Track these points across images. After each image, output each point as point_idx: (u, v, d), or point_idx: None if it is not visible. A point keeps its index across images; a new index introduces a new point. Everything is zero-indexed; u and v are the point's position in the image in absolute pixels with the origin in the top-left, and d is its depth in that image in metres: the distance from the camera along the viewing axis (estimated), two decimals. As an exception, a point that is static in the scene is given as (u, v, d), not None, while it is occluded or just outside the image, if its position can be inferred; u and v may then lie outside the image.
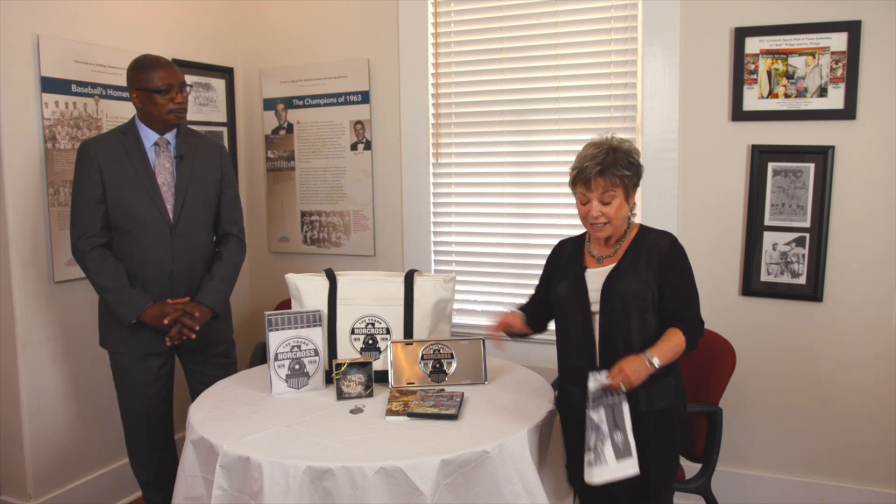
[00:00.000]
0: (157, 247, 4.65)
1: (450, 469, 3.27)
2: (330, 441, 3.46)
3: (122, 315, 4.58)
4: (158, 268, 4.67)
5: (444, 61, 6.07)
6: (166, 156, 4.69)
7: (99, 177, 4.55)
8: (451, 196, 6.20)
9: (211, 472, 3.46)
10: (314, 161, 6.60)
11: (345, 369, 4.04)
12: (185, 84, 4.68)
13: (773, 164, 5.05)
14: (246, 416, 3.82)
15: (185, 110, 4.69)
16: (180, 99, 4.61)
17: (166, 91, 4.54)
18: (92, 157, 4.55)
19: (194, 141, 4.85)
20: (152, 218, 4.62)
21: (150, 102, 4.55)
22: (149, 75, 4.53)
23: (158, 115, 4.58)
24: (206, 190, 4.84)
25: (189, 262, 4.77)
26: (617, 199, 3.73)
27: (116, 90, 5.48)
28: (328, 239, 6.62)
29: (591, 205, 3.73)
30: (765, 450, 5.36)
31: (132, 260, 4.64)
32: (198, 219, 4.81)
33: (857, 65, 4.82)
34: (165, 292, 4.70)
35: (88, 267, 4.55)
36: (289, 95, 6.64)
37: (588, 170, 3.72)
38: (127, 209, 4.58)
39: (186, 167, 4.73)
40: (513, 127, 5.91)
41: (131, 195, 4.58)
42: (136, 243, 4.62)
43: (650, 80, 5.36)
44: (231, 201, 5.03)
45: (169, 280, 4.70)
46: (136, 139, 4.63)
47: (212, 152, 4.93)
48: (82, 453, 5.45)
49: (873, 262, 4.95)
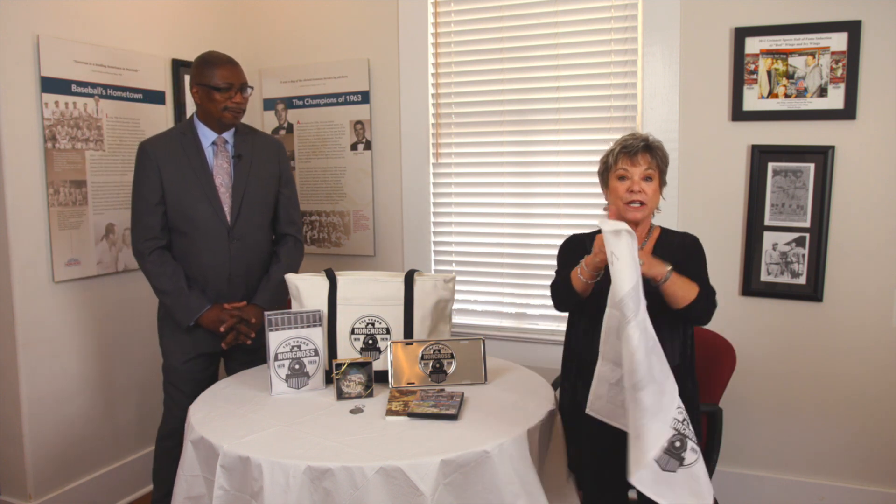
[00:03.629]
0: (214, 249, 4.68)
1: (449, 469, 3.27)
2: (330, 441, 3.46)
3: (179, 318, 4.64)
4: (216, 271, 4.71)
5: (444, 61, 6.07)
6: (224, 156, 4.71)
7: (158, 178, 4.59)
8: (451, 196, 6.20)
9: (211, 471, 3.46)
10: (314, 161, 6.60)
11: (345, 369, 4.04)
12: (247, 86, 4.69)
13: (773, 163, 5.06)
14: (246, 416, 3.82)
15: (242, 111, 4.70)
16: (239, 99, 4.62)
17: (226, 90, 4.57)
18: (151, 158, 4.60)
19: (252, 140, 4.86)
20: (210, 220, 4.65)
21: (209, 99, 4.58)
22: (211, 72, 4.56)
23: (215, 112, 4.60)
24: (264, 191, 4.85)
25: (247, 264, 4.79)
26: (655, 181, 3.79)
27: (116, 90, 5.48)
28: (328, 239, 6.63)
29: (633, 179, 3.75)
30: (765, 449, 5.36)
31: (190, 262, 4.70)
32: (255, 220, 4.82)
33: (857, 65, 4.82)
34: (223, 295, 4.74)
35: (148, 269, 4.63)
36: (289, 95, 6.65)
37: (634, 144, 3.78)
38: (184, 211, 4.63)
39: (244, 167, 4.74)
40: (513, 127, 5.92)
41: (189, 197, 4.63)
42: (193, 246, 4.67)
43: (650, 79, 5.37)
44: (289, 201, 5.03)
45: (227, 283, 4.74)
46: (195, 138, 4.68)
47: (270, 151, 4.93)
48: (82, 453, 5.45)
49: (873, 261, 4.96)
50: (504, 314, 6.11)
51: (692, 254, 3.90)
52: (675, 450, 3.22)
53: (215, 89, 4.54)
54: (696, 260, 3.89)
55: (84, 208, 5.27)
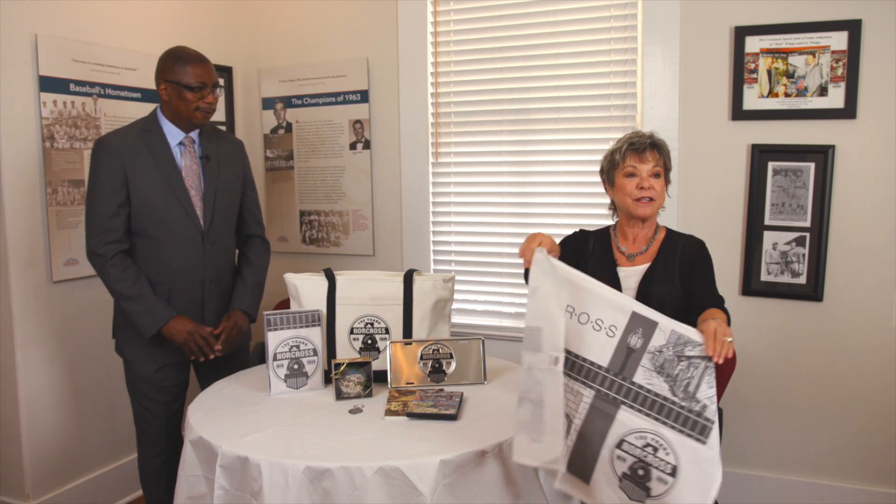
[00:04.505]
0: (186, 254, 4.51)
1: (449, 469, 3.27)
2: (329, 441, 3.46)
3: (143, 326, 4.35)
4: (187, 276, 4.53)
5: (443, 60, 6.08)
6: (192, 157, 4.54)
7: (122, 177, 4.32)
8: (451, 195, 6.21)
9: (212, 471, 3.47)
10: (313, 160, 6.61)
11: (344, 369, 4.05)
12: (218, 84, 4.51)
13: (773, 163, 5.06)
14: (245, 416, 3.82)
15: (213, 111, 4.52)
16: (211, 99, 4.44)
17: (199, 89, 4.37)
18: (114, 154, 4.32)
19: (217, 140, 4.71)
20: (182, 224, 4.46)
21: (179, 97, 4.37)
22: (182, 69, 4.35)
23: (185, 112, 4.40)
24: (232, 193, 4.74)
25: (218, 269, 4.67)
26: (662, 179, 3.82)
27: (115, 89, 5.49)
28: (327, 238, 6.64)
29: (642, 176, 3.77)
30: (765, 449, 5.36)
31: (157, 267, 4.46)
32: (226, 224, 4.72)
33: (857, 64, 4.82)
34: (194, 301, 4.58)
35: (110, 273, 4.31)
36: (287, 94, 6.65)
37: (642, 141, 3.80)
38: (153, 214, 4.39)
39: (213, 169, 4.59)
40: (512, 126, 5.92)
41: (159, 199, 4.40)
42: (163, 250, 4.45)
43: (650, 79, 5.37)
44: (253, 202, 4.94)
45: (201, 289, 4.59)
46: (161, 136, 4.46)
47: (234, 152, 4.82)
48: (80, 453, 5.46)
49: (874, 261, 4.96)
50: (504, 314, 6.11)
51: (700, 262, 3.90)
52: (638, 478, 3.13)
53: (187, 88, 4.35)
54: (704, 268, 3.89)
55: (82, 208, 5.22)
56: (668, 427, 3.07)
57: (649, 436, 3.11)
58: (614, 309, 3.19)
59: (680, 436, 3.05)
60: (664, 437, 3.08)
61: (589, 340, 3.21)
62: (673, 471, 3.06)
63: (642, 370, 3.13)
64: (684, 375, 3.08)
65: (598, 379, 3.19)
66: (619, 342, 3.17)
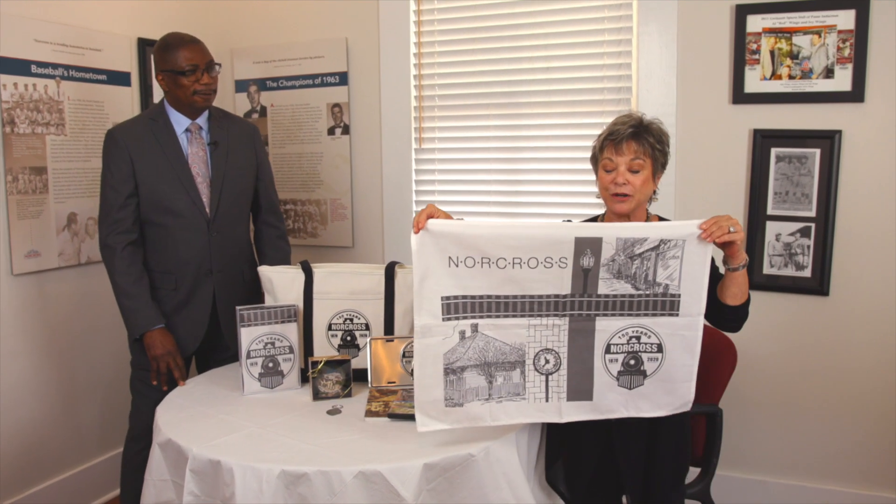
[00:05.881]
0: (193, 242, 4.64)
1: (433, 473, 3.27)
2: (305, 444, 3.46)
3: (132, 325, 4.55)
4: (194, 265, 4.66)
5: (427, 40, 6.07)
6: (199, 143, 4.67)
7: (130, 168, 4.51)
8: (435, 184, 6.20)
9: (180, 476, 3.46)
10: (289, 146, 6.60)
11: (321, 367, 4.04)
12: (214, 63, 4.61)
13: (776, 149, 5.07)
14: (216, 417, 3.81)
15: (213, 92, 4.62)
16: (207, 80, 4.54)
17: (192, 72, 4.48)
18: (121, 146, 4.51)
19: (227, 125, 4.82)
20: (188, 212, 4.60)
21: (175, 85, 4.50)
22: (172, 55, 4.47)
23: (185, 98, 4.52)
24: (242, 180, 4.83)
25: (227, 259, 4.76)
26: (645, 171, 3.74)
27: (79, 71, 5.47)
28: (304, 229, 6.63)
29: (618, 171, 3.72)
30: (767, 453, 5.38)
31: (165, 256, 4.65)
32: (235, 212, 4.80)
33: (865, 44, 4.83)
34: (207, 295, 4.72)
35: (116, 266, 4.50)
36: (262, 77, 6.63)
37: (620, 132, 3.73)
38: (160, 203, 4.56)
39: (221, 155, 4.71)
40: (500, 110, 5.92)
41: (166, 187, 4.56)
42: (170, 238, 4.61)
43: (646, 60, 5.37)
44: (268, 189, 5.04)
45: (210, 280, 4.71)
46: (167, 125, 4.62)
47: (245, 137, 4.90)
48: (43, 456, 5.43)
49: (883, 253, 4.97)
50: (491, 309, 6.06)
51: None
52: (630, 368, 3.54)
53: (180, 73, 4.47)
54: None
55: (45, 196, 5.24)
56: (642, 316, 3.49)
57: (629, 330, 3.51)
58: (558, 243, 3.39)
59: (654, 318, 3.49)
60: (642, 325, 3.50)
61: (546, 279, 3.43)
62: (659, 347, 3.52)
63: (602, 282, 3.44)
64: (640, 270, 3.42)
65: (567, 306, 3.48)
66: (573, 269, 3.42)
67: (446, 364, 3.44)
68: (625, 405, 3.54)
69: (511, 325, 3.47)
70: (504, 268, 3.39)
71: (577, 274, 3.41)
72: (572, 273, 3.41)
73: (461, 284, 3.41)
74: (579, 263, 3.39)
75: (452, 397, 3.46)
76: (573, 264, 3.39)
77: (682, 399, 3.55)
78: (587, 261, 3.39)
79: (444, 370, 3.44)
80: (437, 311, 3.42)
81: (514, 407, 3.52)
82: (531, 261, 3.39)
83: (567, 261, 3.39)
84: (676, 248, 3.38)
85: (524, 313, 3.47)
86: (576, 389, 3.54)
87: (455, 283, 3.41)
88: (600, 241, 3.37)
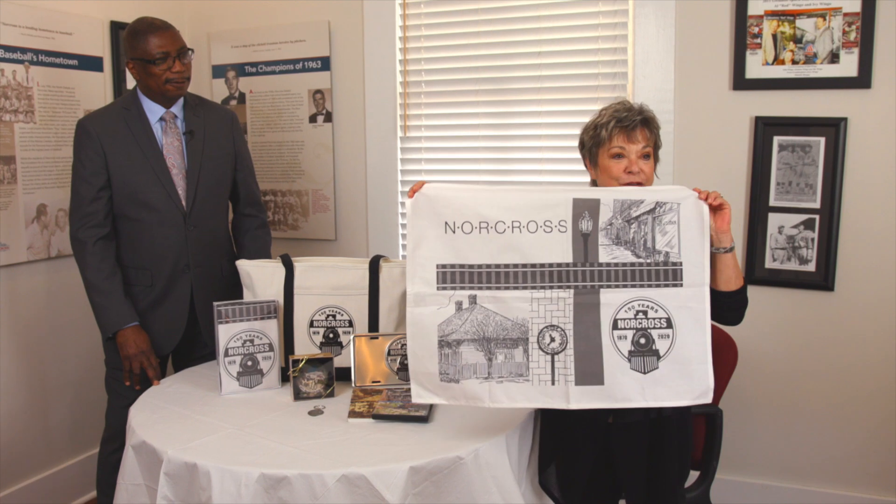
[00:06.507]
0: (169, 237, 4.63)
1: (419, 477, 3.27)
2: (286, 446, 3.45)
3: (103, 324, 4.55)
4: (173, 261, 4.65)
5: (413, 23, 6.05)
6: (174, 132, 4.66)
7: (102, 160, 4.50)
8: (421, 173, 6.19)
9: (154, 480, 3.45)
10: (269, 135, 6.58)
11: (303, 366, 4.04)
12: (187, 49, 4.58)
13: (778, 137, 5.06)
14: (193, 418, 3.80)
15: (186, 80, 4.60)
16: (179, 68, 4.51)
17: (162, 60, 4.44)
18: (93, 137, 4.50)
19: (203, 113, 4.81)
20: (164, 205, 4.59)
21: (146, 73, 4.48)
22: (142, 42, 4.43)
23: (157, 87, 4.50)
24: (220, 170, 4.83)
25: (205, 253, 4.76)
26: (651, 160, 3.75)
27: (49, 56, 5.44)
28: (284, 221, 6.62)
29: (631, 158, 3.68)
30: (769, 455, 5.38)
31: (140, 251, 4.64)
32: (212, 204, 4.80)
33: (872, 28, 4.82)
34: (184, 291, 4.72)
35: (88, 261, 4.49)
36: (240, 62, 6.61)
37: (631, 117, 3.69)
38: (134, 196, 4.55)
39: (197, 145, 4.70)
40: (490, 97, 5.91)
41: (140, 180, 4.55)
42: (144, 232, 4.61)
43: (642, 44, 5.36)
44: (247, 179, 5.04)
45: (188, 276, 4.70)
46: (140, 114, 4.60)
47: (223, 124, 4.89)
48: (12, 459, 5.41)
49: (891, 246, 4.97)
50: (480, 305, 6.06)
51: None
52: (642, 348, 3.46)
53: (150, 62, 4.43)
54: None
55: (13, 187, 5.23)
56: (646, 287, 3.47)
57: (635, 303, 3.47)
58: (556, 204, 3.46)
59: (658, 289, 3.46)
60: (648, 298, 3.47)
61: (547, 244, 3.46)
62: (668, 322, 3.46)
63: (603, 249, 3.45)
64: (639, 236, 3.45)
65: (570, 276, 3.47)
66: (572, 233, 3.45)
67: (441, 336, 3.44)
68: (641, 393, 3.44)
69: (512, 298, 3.45)
70: (503, 232, 3.41)
71: (577, 239, 3.43)
72: (572, 238, 3.43)
73: (458, 253, 3.44)
74: (578, 227, 3.42)
75: (447, 372, 3.45)
76: (572, 228, 3.43)
77: (701, 385, 3.46)
78: (586, 224, 3.42)
79: (438, 343, 3.44)
80: (432, 278, 3.44)
81: (516, 389, 3.47)
82: (530, 224, 3.43)
83: (566, 224, 3.43)
84: (672, 213, 3.42)
85: (526, 284, 3.46)
86: (584, 372, 3.46)
87: (452, 251, 3.44)
88: (598, 203, 3.42)
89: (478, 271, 3.44)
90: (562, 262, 3.44)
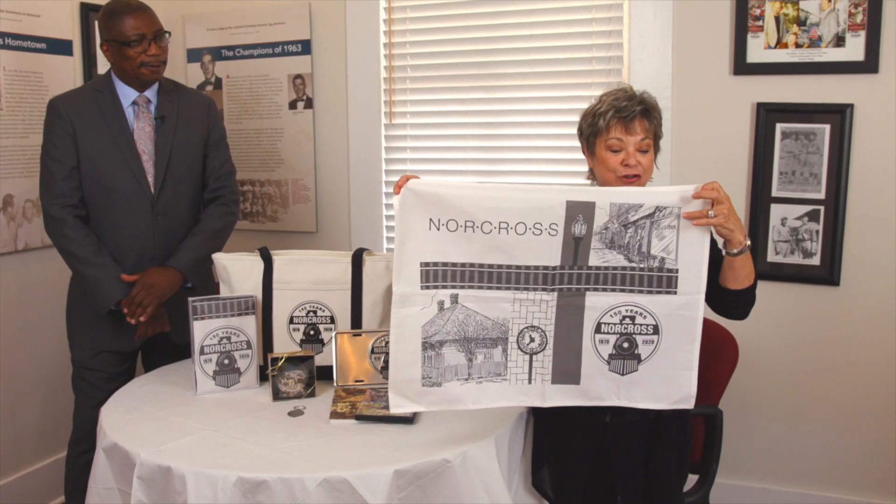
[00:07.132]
0: (136, 225, 4.62)
1: (404, 481, 3.26)
2: (265, 448, 3.44)
3: (102, 296, 4.49)
4: (137, 250, 4.63)
5: (398, 5, 6.04)
6: (146, 117, 4.65)
7: (72, 142, 4.50)
8: (407, 162, 6.20)
9: (127, 483, 3.43)
10: (246, 122, 6.58)
11: (282, 365, 4.02)
12: (163, 32, 4.58)
13: (781, 125, 5.06)
14: (167, 419, 3.79)
15: (162, 63, 4.60)
16: (155, 51, 4.50)
17: (138, 42, 4.44)
18: (64, 117, 4.50)
19: (177, 98, 4.79)
20: (131, 191, 4.58)
21: (121, 56, 4.48)
22: (117, 24, 4.43)
23: (131, 70, 4.50)
24: (191, 158, 4.81)
25: (174, 244, 4.72)
26: (650, 151, 3.75)
27: (16, 39, 5.42)
28: (262, 213, 6.62)
29: (629, 151, 3.68)
30: (770, 458, 5.38)
31: (106, 239, 4.60)
32: (182, 192, 4.78)
33: (879, 10, 4.82)
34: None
35: (70, 236, 4.46)
36: (217, 45, 6.61)
37: (630, 108, 3.68)
38: (101, 181, 4.54)
39: (168, 131, 4.69)
40: (479, 82, 5.90)
41: (107, 164, 4.54)
42: (111, 220, 4.60)
43: (638, 27, 5.36)
44: (218, 163, 4.98)
45: (150, 264, 4.64)
46: (113, 97, 4.60)
47: (197, 110, 4.87)
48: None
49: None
50: (468, 300, 6.06)
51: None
52: (624, 352, 3.50)
53: (125, 44, 4.43)
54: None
55: (-17, 177, 5.19)
56: (637, 292, 3.46)
57: (623, 308, 3.48)
58: (548, 207, 3.39)
59: (650, 295, 3.46)
60: (637, 304, 3.47)
61: (534, 247, 3.42)
62: (655, 329, 3.48)
63: (594, 252, 3.43)
64: (634, 240, 3.41)
65: (555, 279, 3.46)
66: (563, 237, 3.41)
67: (424, 338, 3.45)
68: (616, 392, 3.52)
69: (494, 298, 3.47)
70: (489, 233, 3.39)
71: (568, 243, 3.40)
72: (563, 242, 3.40)
73: (441, 250, 3.42)
74: (570, 231, 3.39)
75: (430, 375, 3.46)
76: (564, 232, 3.39)
77: (682, 391, 3.51)
78: (579, 228, 3.38)
79: (421, 345, 3.45)
80: (416, 277, 3.43)
81: (494, 389, 3.52)
82: (518, 226, 3.38)
83: (557, 228, 3.38)
84: (672, 217, 3.37)
85: (509, 285, 3.46)
86: (561, 371, 3.53)
87: (435, 248, 3.42)
88: (593, 207, 3.37)
89: (461, 270, 3.44)
90: (548, 266, 3.44)
